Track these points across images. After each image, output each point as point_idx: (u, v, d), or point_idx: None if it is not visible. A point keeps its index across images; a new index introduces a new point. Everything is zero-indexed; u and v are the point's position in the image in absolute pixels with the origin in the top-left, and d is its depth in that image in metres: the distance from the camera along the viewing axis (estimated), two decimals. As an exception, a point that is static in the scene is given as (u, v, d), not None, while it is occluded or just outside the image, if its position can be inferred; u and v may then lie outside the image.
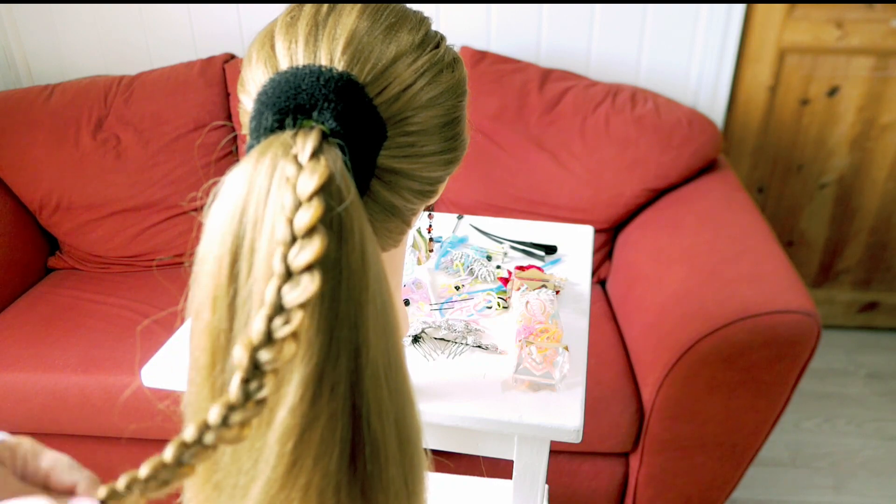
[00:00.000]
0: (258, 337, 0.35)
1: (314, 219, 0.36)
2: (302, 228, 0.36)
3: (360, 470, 0.40)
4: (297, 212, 0.36)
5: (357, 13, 0.49)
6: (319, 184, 0.37)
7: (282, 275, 0.35)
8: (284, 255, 0.36)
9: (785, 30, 1.85)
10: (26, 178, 1.77)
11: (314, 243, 0.36)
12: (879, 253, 2.14)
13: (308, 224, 0.36)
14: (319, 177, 0.37)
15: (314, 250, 0.35)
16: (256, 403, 0.34)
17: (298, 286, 0.35)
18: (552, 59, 1.89)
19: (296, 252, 0.36)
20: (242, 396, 0.34)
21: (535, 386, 0.79)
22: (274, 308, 0.35)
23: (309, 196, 0.37)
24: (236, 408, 0.34)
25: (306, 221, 0.36)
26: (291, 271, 0.35)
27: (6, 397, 1.44)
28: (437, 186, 0.56)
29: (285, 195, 0.37)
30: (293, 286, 0.35)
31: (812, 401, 2.01)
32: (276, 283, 0.35)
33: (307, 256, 0.35)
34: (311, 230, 0.36)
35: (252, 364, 0.34)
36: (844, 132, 1.97)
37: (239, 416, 0.34)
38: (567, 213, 1.71)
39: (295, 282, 0.35)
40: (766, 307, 1.21)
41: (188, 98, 1.79)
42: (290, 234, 0.36)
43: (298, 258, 0.35)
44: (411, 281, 0.97)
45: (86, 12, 1.92)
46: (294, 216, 0.36)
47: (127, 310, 1.63)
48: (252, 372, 0.35)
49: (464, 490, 1.05)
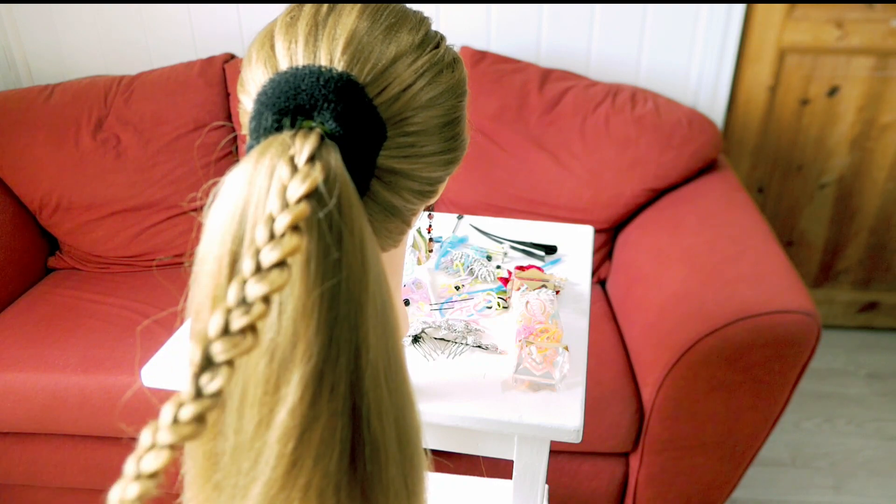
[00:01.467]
0: (213, 330, 0.34)
1: (293, 220, 0.36)
2: (279, 229, 0.36)
3: (360, 470, 0.40)
4: (280, 213, 0.36)
5: (357, 13, 0.49)
6: (308, 189, 0.37)
7: (251, 270, 0.35)
8: (257, 252, 0.36)
9: (785, 30, 1.85)
10: (26, 178, 1.77)
11: (288, 241, 0.35)
12: (879, 253, 2.14)
13: (285, 226, 0.36)
14: (311, 182, 0.37)
15: (285, 248, 0.35)
16: (210, 396, 0.34)
17: (264, 279, 0.35)
18: (552, 59, 1.89)
19: (268, 250, 0.35)
20: (193, 391, 0.34)
21: (535, 386, 0.79)
22: (237, 302, 0.35)
23: (296, 200, 0.37)
24: (185, 403, 0.33)
25: (284, 223, 0.36)
26: (261, 267, 0.35)
27: (6, 397, 1.44)
28: (437, 186, 0.56)
29: (274, 200, 0.37)
30: (259, 279, 0.35)
31: (812, 401, 2.01)
32: (241, 278, 0.35)
33: (277, 254, 0.35)
34: (291, 229, 0.36)
35: (204, 357, 0.34)
36: (844, 132, 1.97)
37: (190, 411, 0.33)
38: (567, 213, 1.71)
39: (261, 276, 0.35)
40: (766, 307, 1.21)
41: (188, 98, 1.79)
42: (269, 234, 0.36)
43: (269, 255, 0.35)
44: (411, 281, 0.97)
45: (86, 12, 1.92)
46: (277, 217, 0.36)
47: (127, 310, 1.63)
48: (204, 364, 0.34)
49: (464, 490, 1.05)
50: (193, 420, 0.33)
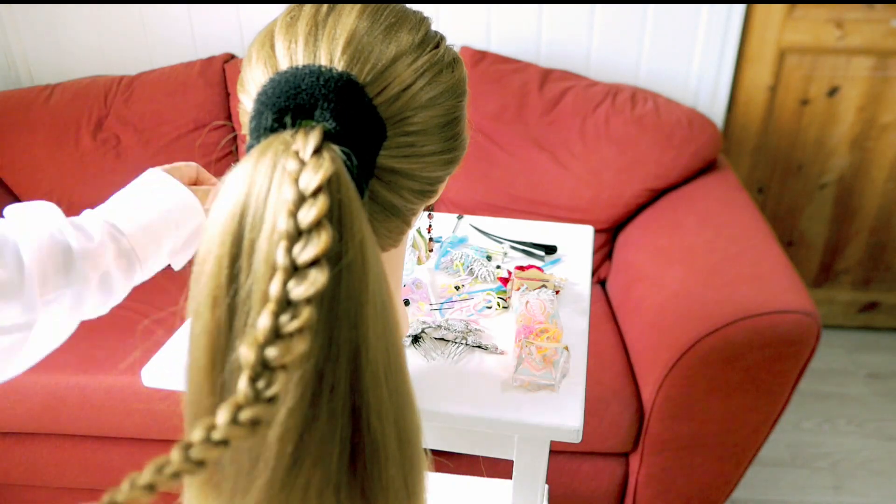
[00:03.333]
0: (264, 333, 0.34)
1: (320, 212, 0.35)
2: (308, 223, 0.35)
3: (360, 470, 0.40)
4: (302, 206, 0.36)
5: (357, 13, 0.49)
6: (325, 178, 0.37)
7: (287, 268, 0.35)
8: (289, 248, 0.35)
9: (785, 30, 1.85)
10: (26, 178, 1.77)
11: (321, 237, 0.35)
12: (879, 253, 2.14)
13: (314, 218, 0.35)
14: (325, 171, 0.37)
15: (321, 244, 0.35)
16: (267, 401, 0.34)
17: (306, 280, 0.35)
18: (552, 59, 1.89)
19: (301, 246, 0.35)
20: (252, 395, 0.34)
21: (535, 386, 0.79)
22: (280, 303, 0.34)
23: (314, 190, 0.36)
24: (244, 406, 0.34)
25: (313, 215, 0.35)
26: (297, 265, 0.35)
27: (6, 397, 1.44)
28: (437, 186, 0.56)
29: (287, 189, 0.37)
30: (300, 280, 0.35)
31: (812, 401, 2.01)
32: (281, 277, 0.35)
33: (313, 250, 0.35)
34: (317, 224, 0.35)
35: (260, 361, 0.34)
36: (844, 132, 1.97)
37: (248, 414, 0.34)
38: (567, 213, 1.71)
39: (302, 275, 0.35)
40: (766, 307, 1.21)
41: (188, 98, 1.79)
42: (295, 228, 0.35)
43: (305, 252, 0.35)
44: (411, 281, 0.97)
45: (86, 12, 1.92)
46: (298, 210, 0.36)
47: (127, 310, 1.63)
48: (260, 370, 0.34)
49: (464, 490, 1.05)
50: (249, 423, 0.33)
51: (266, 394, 0.34)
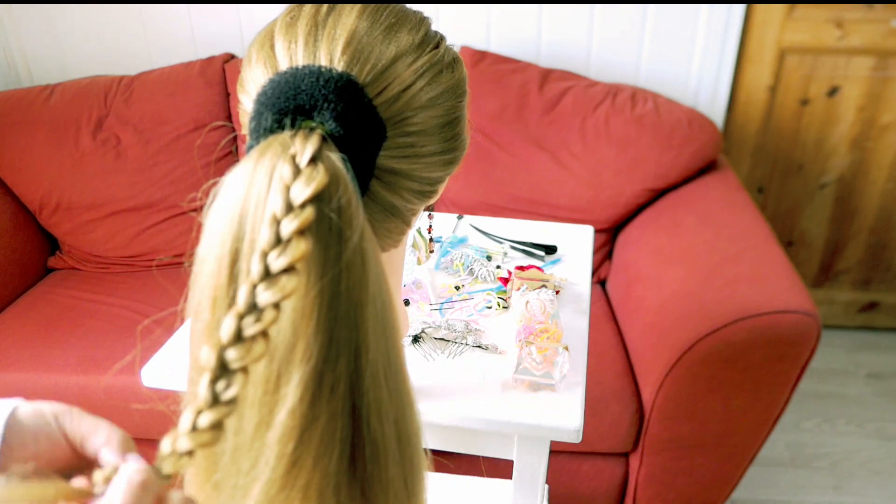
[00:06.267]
0: (227, 336, 0.35)
1: (302, 225, 0.36)
2: (288, 233, 0.36)
3: (360, 470, 0.40)
4: (287, 216, 0.36)
5: (357, 13, 0.49)
6: (314, 193, 0.37)
7: (260, 274, 0.35)
8: (264, 255, 0.36)
9: (785, 30, 1.85)
10: (26, 178, 1.77)
11: (298, 246, 0.36)
12: (879, 253, 2.14)
13: (294, 229, 0.36)
14: (316, 184, 0.37)
15: (296, 253, 0.35)
16: (226, 403, 0.34)
17: (275, 286, 0.35)
18: (552, 59, 1.89)
19: (277, 254, 0.36)
20: (211, 398, 0.34)
21: (535, 386, 0.79)
22: (247, 307, 0.35)
23: (301, 203, 0.37)
24: (203, 410, 0.34)
25: (293, 227, 0.36)
26: (270, 272, 0.36)
27: (6, 397, 1.44)
28: (437, 187, 0.56)
29: (277, 198, 0.37)
30: (269, 285, 0.35)
31: (812, 401, 2.01)
32: (250, 283, 0.35)
33: (287, 259, 0.35)
34: (298, 234, 0.36)
35: (220, 364, 0.34)
36: (844, 132, 1.97)
37: (208, 418, 0.34)
38: (567, 213, 1.71)
39: (272, 282, 0.35)
40: (766, 307, 1.21)
41: (188, 98, 1.79)
42: (275, 236, 0.36)
43: (278, 260, 0.35)
44: (411, 281, 0.97)
45: (86, 12, 1.92)
46: (281, 220, 0.36)
47: (127, 310, 1.63)
48: (220, 371, 0.34)
49: (464, 490, 1.05)
50: (211, 427, 0.34)
51: (225, 396, 0.34)
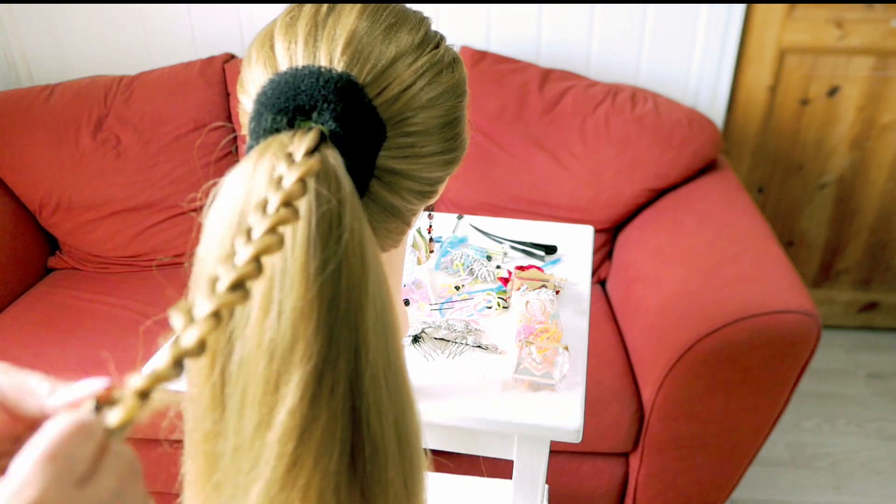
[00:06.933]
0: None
1: (283, 199, 0.36)
2: (271, 209, 0.36)
3: (360, 470, 0.40)
4: (273, 194, 0.36)
5: (357, 13, 0.49)
6: (301, 175, 0.37)
7: (228, 255, 0.35)
8: (248, 231, 0.35)
9: (785, 30, 1.85)
10: (26, 178, 1.77)
11: (277, 214, 0.35)
12: (879, 253, 2.14)
13: (277, 204, 0.36)
14: (304, 168, 0.37)
15: (274, 218, 0.35)
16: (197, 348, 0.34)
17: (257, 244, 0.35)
18: (552, 59, 1.89)
19: (257, 221, 0.35)
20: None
21: (535, 386, 0.79)
22: (210, 285, 0.34)
23: (289, 184, 0.36)
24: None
25: (276, 202, 0.36)
26: (251, 238, 0.35)
27: (6, 397, 1.44)
28: (437, 187, 0.56)
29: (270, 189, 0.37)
30: (229, 269, 0.34)
31: (812, 401, 2.01)
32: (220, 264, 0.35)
33: (266, 223, 0.35)
34: (280, 207, 0.36)
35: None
36: (844, 132, 1.97)
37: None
38: (567, 213, 1.71)
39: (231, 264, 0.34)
40: (766, 307, 1.21)
41: (188, 98, 1.79)
42: (262, 214, 0.36)
43: (259, 225, 0.35)
44: (411, 281, 0.97)
45: (86, 12, 1.92)
46: (269, 200, 0.36)
47: (127, 310, 1.63)
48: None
49: (464, 490, 1.05)
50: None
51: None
